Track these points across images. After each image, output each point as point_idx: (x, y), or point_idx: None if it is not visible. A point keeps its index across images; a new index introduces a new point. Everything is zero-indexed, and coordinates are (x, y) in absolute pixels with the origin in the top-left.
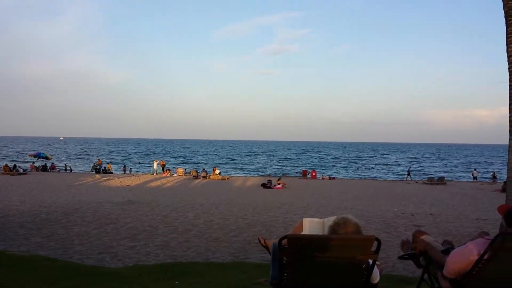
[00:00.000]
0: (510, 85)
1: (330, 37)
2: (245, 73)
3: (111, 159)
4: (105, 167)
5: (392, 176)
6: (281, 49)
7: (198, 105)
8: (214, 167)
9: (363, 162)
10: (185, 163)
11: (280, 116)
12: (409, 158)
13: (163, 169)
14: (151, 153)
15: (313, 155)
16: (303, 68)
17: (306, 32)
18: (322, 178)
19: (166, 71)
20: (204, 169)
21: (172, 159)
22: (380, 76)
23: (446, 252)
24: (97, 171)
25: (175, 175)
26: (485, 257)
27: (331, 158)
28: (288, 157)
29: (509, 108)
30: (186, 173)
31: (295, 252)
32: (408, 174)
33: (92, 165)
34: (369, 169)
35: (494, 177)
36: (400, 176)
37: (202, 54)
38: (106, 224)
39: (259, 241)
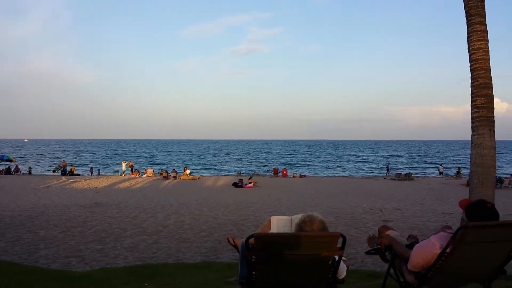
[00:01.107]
0: (472, 83)
1: (301, 36)
2: (216, 73)
3: (77, 161)
4: (70, 169)
5: (363, 173)
6: (252, 48)
7: (168, 105)
8: (184, 167)
9: (335, 160)
10: (155, 163)
11: (253, 116)
12: (383, 155)
13: (131, 170)
14: (119, 154)
15: (285, 153)
16: (275, 68)
17: (277, 31)
18: (293, 176)
19: (135, 71)
20: (174, 169)
21: (141, 160)
22: (351, 75)
23: (411, 246)
24: (63, 173)
25: (144, 176)
26: (447, 250)
27: (303, 156)
28: (260, 155)
29: (471, 105)
30: (156, 173)
31: (262, 250)
32: (387, 170)
33: (55, 166)
34: (341, 166)
35: (458, 172)
36: (370, 173)
37: (172, 54)
38: (73, 227)
39: (228, 240)
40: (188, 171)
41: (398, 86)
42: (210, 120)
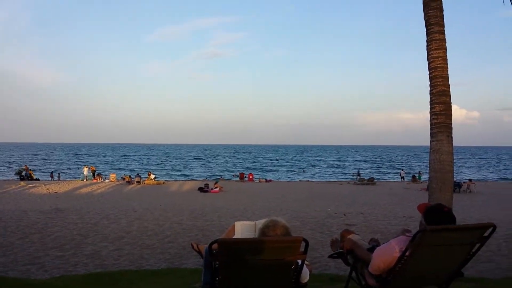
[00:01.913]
0: (430, 90)
1: (266, 41)
2: (181, 76)
3: (37, 165)
4: (28, 174)
5: (328, 177)
6: (217, 52)
7: (133, 109)
8: (149, 171)
9: (300, 164)
10: (118, 168)
11: (218, 120)
12: (347, 160)
13: (93, 175)
14: (81, 158)
15: (250, 157)
16: (240, 72)
17: (242, 36)
18: (259, 181)
19: (99, 74)
20: (138, 174)
21: (104, 164)
22: (315, 80)
23: (372, 250)
24: (22, 178)
25: (107, 180)
26: (407, 253)
27: (269, 161)
28: (226, 160)
29: (430, 112)
30: (119, 178)
31: (225, 256)
32: (358, 175)
33: (17, 171)
34: (306, 171)
35: (414, 176)
36: (335, 178)
37: (135, 57)
38: (32, 234)
39: (192, 246)
40: (152, 176)
41: (362, 92)
42: (175, 124)
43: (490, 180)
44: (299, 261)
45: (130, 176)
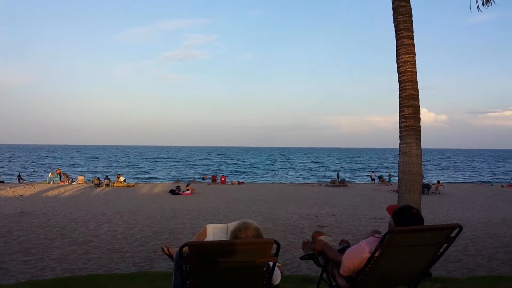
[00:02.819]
0: (400, 94)
1: (236, 44)
2: (150, 78)
3: (1, 167)
4: None
5: (300, 179)
6: (188, 54)
7: (101, 110)
8: (118, 174)
9: (272, 166)
10: (87, 170)
11: (188, 122)
12: (318, 162)
13: (60, 178)
14: (48, 160)
15: (223, 160)
16: (211, 74)
17: (213, 38)
18: (232, 183)
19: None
20: (107, 176)
21: (72, 167)
22: (285, 84)
23: (342, 251)
24: None
25: (75, 183)
26: (376, 254)
27: (242, 163)
28: (198, 162)
29: (399, 115)
30: (87, 181)
31: (196, 259)
32: (338, 177)
33: None
34: (278, 173)
35: (380, 177)
36: (307, 180)
37: (105, 57)
38: None
39: (163, 249)
40: (122, 178)
41: (333, 95)
42: (145, 126)
43: (457, 182)
44: (271, 263)
45: (98, 179)
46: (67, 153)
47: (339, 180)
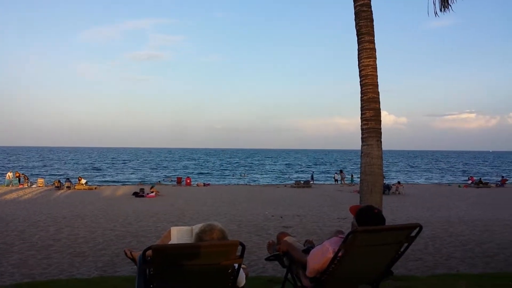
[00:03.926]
0: (361, 97)
1: (203, 45)
2: (115, 78)
3: None
4: None
5: (267, 180)
6: (152, 55)
7: (64, 111)
8: (79, 176)
9: (237, 167)
10: (48, 173)
11: (154, 123)
12: (286, 164)
13: (19, 180)
14: (5, 163)
15: (188, 161)
16: (176, 75)
17: (179, 39)
18: (197, 185)
19: (25, 74)
20: (68, 178)
21: (32, 169)
22: (252, 85)
23: (307, 251)
24: None
25: (34, 186)
26: (339, 254)
27: (207, 164)
28: (162, 164)
29: (361, 118)
30: (48, 183)
31: (160, 262)
32: (312, 179)
33: None
34: (244, 174)
35: (340, 172)
36: (273, 181)
37: (67, 57)
38: None
39: (125, 253)
40: (83, 181)
41: (298, 97)
42: (108, 127)
43: (417, 182)
44: (236, 265)
45: (59, 181)
46: (26, 155)
47: (313, 181)
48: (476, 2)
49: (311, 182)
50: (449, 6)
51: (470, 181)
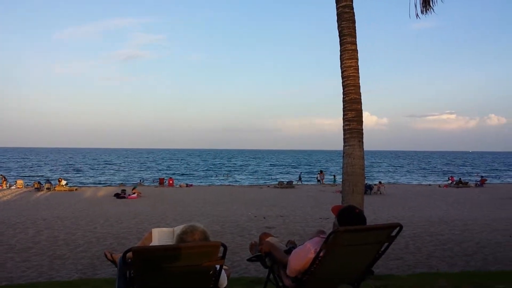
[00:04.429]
0: (343, 98)
1: (185, 45)
2: (95, 78)
3: None
4: None
5: (252, 181)
6: (133, 54)
7: (42, 111)
8: (59, 177)
9: (220, 168)
10: (27, 174)
11: (135, 124)
12: (271, 164)
13: None
14: None
15: (170, 162)
16: (159, 75)
17: (160, 38)
18: (180, 186)
19: (2, 72)
20: (48, 180)
21: (11, 170)
22: (234, 85)
23: (289, 252)
24: None
25: (13, 187)
26: (321, 254)
27: (190, 165)
28: (144, 165)
29: (343, 119)
30: (27, 185)
31: (140, 264)
32: (299, 179)
33: None
34: (228, 175)
35: (318, 180)
36: (256, 182)
37: (45, 56)
38: None
39: (106, 255)
40: (63, 182)
41: (282, 98)
42: (89, 127)
43: (398, 182)
44: (217, 266)
45: (39, 183)
46: (3, 155)
47: (301, 182)
48: (457, 4)
49: (299, 183)
50: (431, 8)
51: (450, 181)
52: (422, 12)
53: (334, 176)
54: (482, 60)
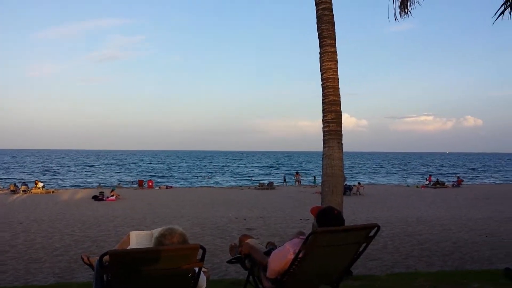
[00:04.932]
0: (323, 100)
1: (163, 47)
2: (72, 79)
3: None
4: None
5: (233, 182)
6: (112, 55)
7: (17, 112)
8: (36, 180)
9: (199, 170)
10: (0, 176)
11: (113, 125)
12: (252, 166)
13: None
14: None
15: (149, 163)
16: (137, 76)
17: (139, 40)
18: (160, 188)
19: None
20: (24, 182)
21: None
22: (215, 87)
23: (268, 253)
24: None
25: None
26: (300, 255)
27: (169, 167)
28: (123, 167)
29: (323, 120)
30: (2, 187)
31: (118, 268)
32: (284, 181)
33: None
34: (208, 177)
35: (297, 180)
36: (237, 183)
37: (22, 57)
38: None
39: (83, 259)
40: (40, 184)
41: (263, 99)
42: (65, 129)
43: (377, 183)
44: (196, 269)
45: (15, 185)
46: None
47: (286, 183)
48: (434, 7)
49: (284, 184)
50: (409, 12)
51: (428, 182)
52: (400, 15)
53: (315, 177)
54: (458, 63)
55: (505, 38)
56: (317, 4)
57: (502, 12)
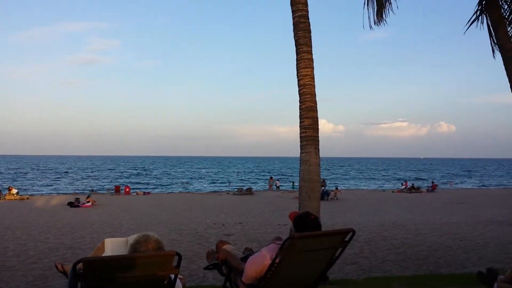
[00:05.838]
0: (300, 106)
1: (142, 51)
2: (51, 81)
3: None
4: None
5: (211, 188)
6: (92, 58)
7: None
8: (10, 186)
9: (176, 175)
10: None
11: (91, 130)
12: (231, 171)
13: None
14: None
15: (126, 169)
16: (115, 80)
17: (118, 43)
18: (137, 194)
19: None
20: None
21: None
22: (191, 92)
23: (245, 259)
24: None
25: None
26: (277, 260)
27: (147, 172)
28: (100, 173)
29: (300, 126)
30: None
31: (91, 276)
32: (270, 186)
33: None
34: (187, 182)
35: (277, 186)
36: (215, 189)
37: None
38: None
39: (56, 267)
40: (14, 191)
41: (237, 105)
42: (43, 133)
43: (354, 188)
44: (172, 276)
45: None
46: None
47: (276, 186)
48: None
49: (269, 189)
50: (383, 20)
51: (404, 187)
52: (375, 23)
53: (293, 182)
54: (432, 69)
55: (476, 46)
56: (293, 12)
57: (473, 22)
